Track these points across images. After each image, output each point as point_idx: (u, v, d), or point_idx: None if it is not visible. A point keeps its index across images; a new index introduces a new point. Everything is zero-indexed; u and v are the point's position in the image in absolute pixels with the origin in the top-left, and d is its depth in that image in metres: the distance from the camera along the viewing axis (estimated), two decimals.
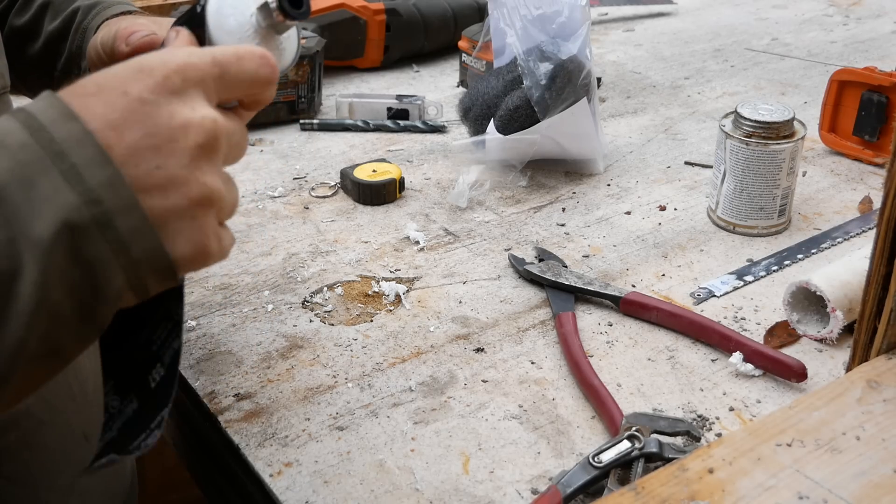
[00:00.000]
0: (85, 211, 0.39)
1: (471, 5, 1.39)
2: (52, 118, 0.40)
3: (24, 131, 0.40)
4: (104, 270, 0.40)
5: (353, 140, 1.14)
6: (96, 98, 0.42)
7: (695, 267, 0.87)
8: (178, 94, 0.43)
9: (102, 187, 0.40)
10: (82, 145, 0.40)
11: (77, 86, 0.43)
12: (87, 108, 0.41)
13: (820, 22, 1.58)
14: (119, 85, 0.42)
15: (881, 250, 0.56)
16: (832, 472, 0.49)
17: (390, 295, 0.82)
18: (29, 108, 0.41)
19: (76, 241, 0.39)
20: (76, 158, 0.40)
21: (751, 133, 0.87)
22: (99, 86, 0.42)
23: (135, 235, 0.41)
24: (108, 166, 0.40)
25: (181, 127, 0.42)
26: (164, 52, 0.45)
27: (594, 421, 0.68)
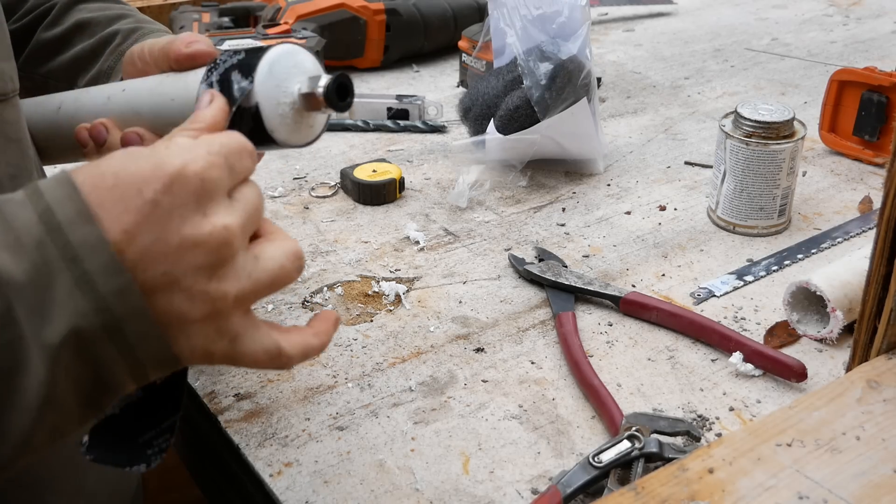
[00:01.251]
0: (95, 318, 0.40)
1: (471, 5, 1.39)
2: (70, 218, 0.40)
3: (41, 227, 0.40)
4: (110, 368, 0.41)
5: (353, 140, 1.14)
6: (112, 194, 0.41)
7: (695, 267, 0.87)
8: (194, 198, 0.43)
9: (113, 295, 0.40)
10: (97, 252, 0.40)
11: (95, 173, 0.42)
12: (102, 205, 0.41)
13: (820, 22, 1.58)
14: (136, 182, 0.41)
15: (881, 250, 0.56)
16: (832, 472, 0.49)
17: (390, 295, 0.82)
18: (46, 196, 0.41)
19: (84, 344, 0.40)
20: (90, 265, 0.40)
21: (751, 133, 0.87)
22: (116, 179, 0.42)
23: (142, 339, 0.42)
24: (121, 275, 0.40)
25: (191, 239, 0.42)
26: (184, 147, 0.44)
27: (594, 421, 0.68)
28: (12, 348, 0.38)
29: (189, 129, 0.48)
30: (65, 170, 0.43)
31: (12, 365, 0.38)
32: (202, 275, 0.43)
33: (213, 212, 0.43)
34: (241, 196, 0.46)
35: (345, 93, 0.50)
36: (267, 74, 0.51)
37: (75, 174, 0.42)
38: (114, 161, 0.43)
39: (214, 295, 0.43)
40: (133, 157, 0.43)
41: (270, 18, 1.28)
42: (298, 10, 1.27)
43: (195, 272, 0.42)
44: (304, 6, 1.28)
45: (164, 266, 0.42)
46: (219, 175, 0.44)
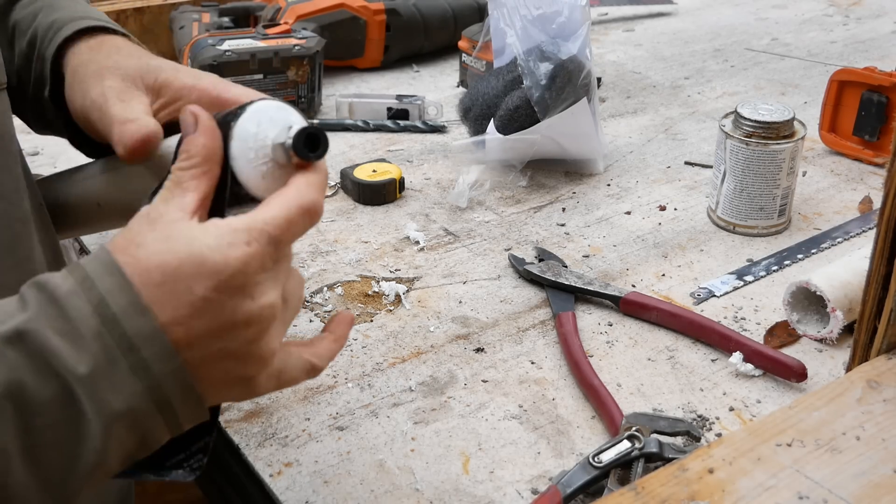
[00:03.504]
0: (149, 397, 0.43)
1: (471, 5, 1.39)
2: (124, 308, 0.43)
3: (97, 319, 0.42)
4: (154, 434, 0.45)
5: (353, 140, 1.14)
6: (162, 289, 0.44)
7: (695, 267, 0.87)
8: (241, 289, 0.45)
9: (166, 377, 0.44)
10: (152, 342, 0.43)
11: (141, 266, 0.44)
12: (156, 300, 0.43)
13: (820, 22, 1.58)
14: (184, 280, 0.44)
15: (881, 250, 0.56)
16: (832, 472, 0.49)
17: (390, 295, 0.82)
18: (98, 286, 0.43)
19: (136, 419, 0.44)
20: (146, 353, 0.43)
21: (751, 133, 0.87)
22: (164, 275, 0.44)
23: (186, 408, 0.45)
24: (174, 359, 0.44)
25: (244, 321, 0.45)
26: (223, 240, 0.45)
27: (594, 421, 0.68)
28: (75, 423, 0.42)
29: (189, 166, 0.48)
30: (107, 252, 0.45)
31: (74, 436, 0.42)
32: (249, 346, 0.46)
33: (259, 293, 0.46)
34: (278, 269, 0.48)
35: (315, 143, 0.49)
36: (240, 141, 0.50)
37: (119, 258, 0.44)
38: (154, 250, 0.45)
39: (256, 360, 0.47)
40: (170, 245, 0.45)
41: (270, 18, 1.28)
42: (298, 10, 1.27)
43: (244, 344, 0.46)
44: (304, 6, 1.28)
45: (217, 344, 0.45)
46: (259, 264, 0.46)
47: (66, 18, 0.65)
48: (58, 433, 0.41)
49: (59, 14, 0.66)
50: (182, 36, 1.23)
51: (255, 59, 1.11)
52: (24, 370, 0.41)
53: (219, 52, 1.09)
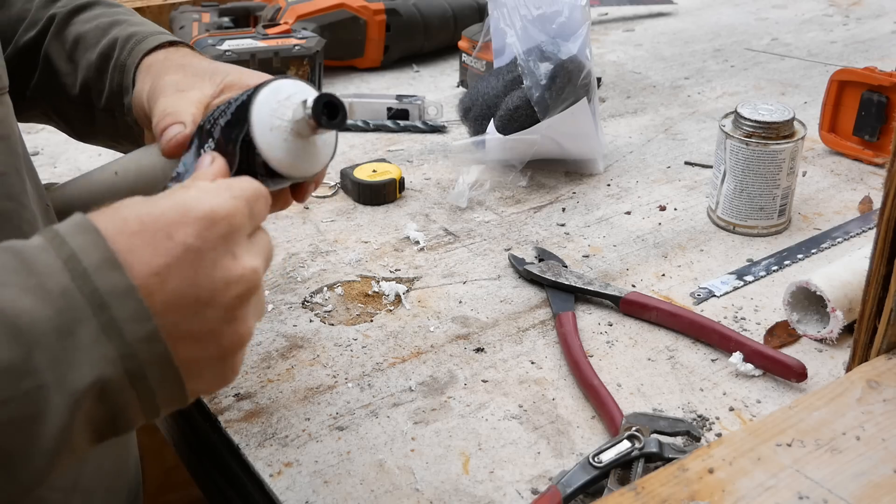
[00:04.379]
0: (119, 365, 0.40)
1: (471, 5, 1.39)
2: (96, 263, 0.40)
3: (66, 274, 0.40)
4: (126, 411, 0.42)
5: (353, 140, 1.14)
6: (139, 238, 0.41)
7: (695, 267, 0.87)
8: (223, 240, 0.43)
9: (139, 342, 0.40)
10: (125, 299, 0.40)
11: (118, 217, 0.42)
12: (131, 250, 0.41)
13: (820, 22, 1.58)
14: (164, 227, 0.42)
15: (881, 250, 0.56)
16: (832, 472, 0.49)
17: (390, 295, 0.82)
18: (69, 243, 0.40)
19: (106, 390, 0.40)
20: (117, 312, 0.40)
21: (751, 133, 0.87)
22: (142, 224, 0.42)
23: (162, 384, 0.42)
24: (148, 322, 0.41)
25: (223, 281, 0.43)
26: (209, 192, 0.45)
27: (594, 421, 0.68)
28: (32, 397, 0.38)
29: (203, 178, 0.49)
30: (82, 215, 0.43)
31: (32, 413, 0.38)
32: (227, 316, 0.44)
33: (241, 254, 0.44)
34: (258, 240, 0.47)
35: (334, 110, 0.50)
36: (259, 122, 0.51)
37: (96, 219, 0.42)
38: (135, 206, 0.43)
39: (235, 337, 0.45)
40: (154, 201, 0.43)
41: (270, 18, 1.28)
42: (298, 10, 1.27)
43: (222, 314, 0.43)
44: (304, 6, 1.28)
45: (194, 308, 0.42)
46: (242, 218, 0.45)
47: (147, 33, 0.67)
48: (12, 410, 0.38)
49: (138, 28, 0.68)
50: (182, 36, 1.23)
51: (255, 59, 1.11)
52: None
53: (219, 52, 1.09)
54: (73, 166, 1.07)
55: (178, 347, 0.42)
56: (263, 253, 0.47)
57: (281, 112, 0.51)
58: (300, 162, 0.52)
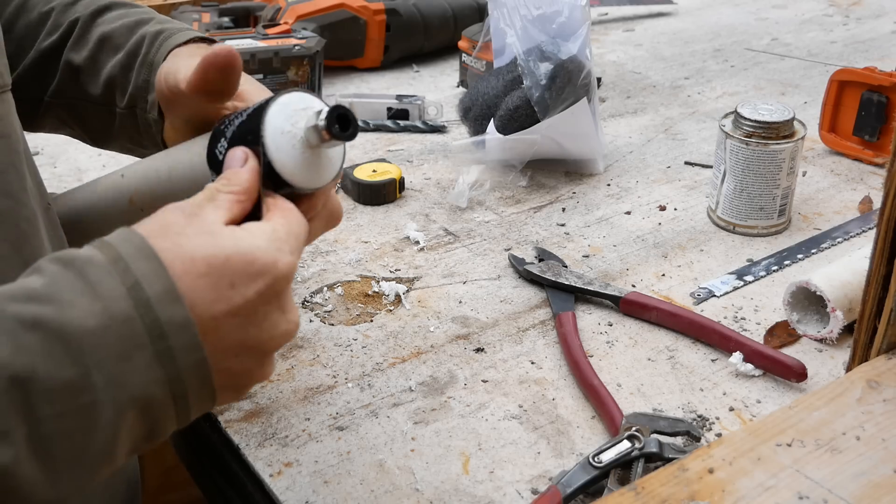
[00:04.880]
0: (167, 388, 0.43)
1: (471, 5, 1.39)
2: (158, 294, 0.42)
3: (129, 302, 0.42)
4: (164, 424, 0.44)
5: (353, 140, 1.13)
6: (204, 282, 0.43)
7: (695, 267, 0.87)
8: (278, 297, 0.46)
9: (188, 368, 0.43)
10: (182, 332, 0.43)
11: (184, 254, 0.44)
12: (194, 290, 0.43)
13: (820, 22, 1.58)
14: (230, 276, 0.44)
15: (881, 250, 0.56)
16: (832, 472, 0.49)
17: (390, 295, 0.82)
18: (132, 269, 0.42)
19: (150, 407, 0.43)
20: (173, 342, 0.42)
21: (751, 133, 0.87)
22: (209, 268, 0.44)
23: (199, 403, 0.45)
24: (199, 351, 0.43)
25: (269, 335, 0.46)
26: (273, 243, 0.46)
27: (594, 421, 0.68)
28: (86, 412, 0.40)
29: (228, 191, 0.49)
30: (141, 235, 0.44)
31: (85, 426, 0.41)
32: (263, 362, 0.47)
33: (289, 308, 0.47)
34: None
35: (346, 123, 0.51)
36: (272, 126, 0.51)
37: (156, 245, 0.44)
38: (200, 242, 0.44)
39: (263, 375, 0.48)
40: (216, 241, 0.45)
41: (270, 18, 1.28)
42: (298, 10, 1.27)
43: (260, 360, 0.47)
44: (304, 6, 1.28)
45: (241, 359, 0.45)
46: (294, 272, 0.47)
47: (175, 29, 0.68)
48: (67, 422, 0.40)
49: (166, 26, 0.69)
50: None
51: (255, 59, 1.11)
52: (38, 354, 0.39)
53: None
54: (72, 166, 1.07)
55: (216, 377, 0.45)
56: None
57: (295, 119, 0.52)
58: (306, 172, 0.53)
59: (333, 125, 0.51)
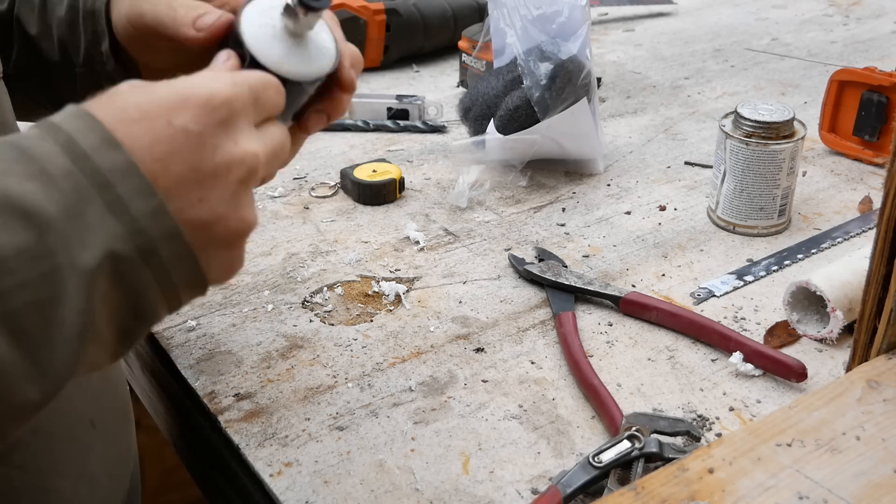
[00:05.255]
0: (129, 241, 0.40)
1: (471, 5, 1.39)
2: (94, 145, 0.40)
3: (66, 157, 0.40)
4: (145, 294, 0.42)
5: (353, 140, 1.14)
6: (139, 125, 0.41)
7: (695, 267, 0.87)
8: (223, 125, 0.43)
9: (147, 218, 0.41)
10: (127, 176, 0.40)
11: (116, 106, 0.42)
12: (131, 136, 0.41)
13: (820, 22, 1.58)
14: (164, 113, 0.42)
15: (881, 250, 0.56)
16: (832, 472, 0.49)
17: (390, 295, 0.82)
18: (65, 128, 0.41)
19: (119, 269, 0.40)
20: (121, 189, 0.40)
21: (751, 133, 0.87)
22: (142, 112, 0.42)
23: (176, 262, 0.42)
24: (153, 197, 0.41)
25: (225, 164, 0.43)
26: (208, 78, 0.45)
27: (594, 421, 0.68)
28: (50, 279, 0.38)
29: None
30: (74, 104, 0.42)
31: (51, 295, 0.38)
32: (231, 200, 0.44)
33: (243, 139, 0.44)
34: (267, 131, 0.47)
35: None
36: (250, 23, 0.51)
37: (90, 108, 0.42)
38: (132, 94, 0.43)
39: (239, 221, 0.45)
40: (152, 88, 0.43)
41: None
42: None
43: (226, 197, 0.44)
44: None
45: (198, 192, 0.42)
46: (244, 105, 0.45)
47: None
48: (32, 293, 0.38)
49: None
50: None
51: None
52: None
53: None
54: None
55: (186, 227, 0.42)
56: (271, 143, 0.47)
57: (272, 13, 0.52)
58: (294, 60, 0.52)
59: None
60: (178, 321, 0.79)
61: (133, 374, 0.87)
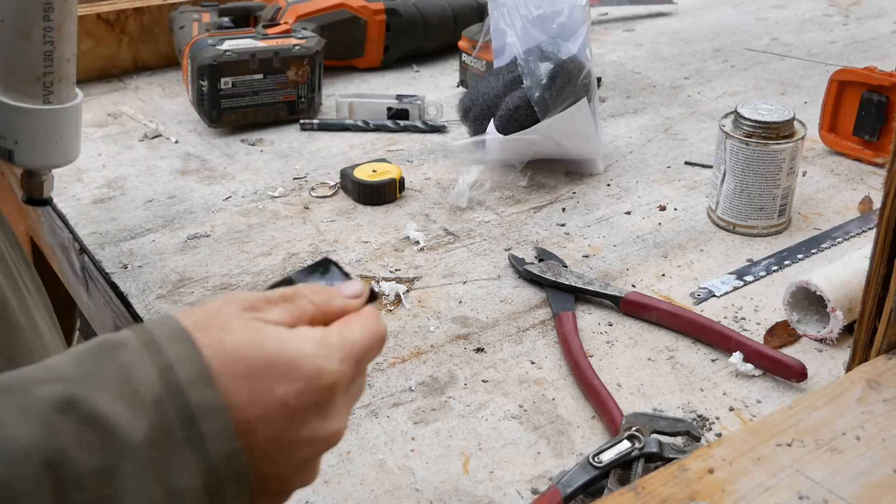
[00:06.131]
0: (199, 478, 0.41)
1: (471, 5, 1.39)
2: (191, 378, 0.41)
3: (160, 384, 0.40)
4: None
5: (353, 140, 1.14)
6: (241, 382, 0.42)
7: (695, 267, 0.87)
8: (320, 405, 0.44)
9: (222, 460, 0.41)
10: (214, 418, 0.41)
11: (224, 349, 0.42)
12: (230, 389, 0.42)
13: (820, 22, 1.58)
14: (268, 378, 0.43)
15: (881, 250, 0.56)
16: (832, 472, 0.49)
17: (390, 295, 0.82)
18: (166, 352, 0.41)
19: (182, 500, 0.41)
20: (205, 428, 0.41)
21: (751, 133, 0.87)
22: (247, 368, 0.42)
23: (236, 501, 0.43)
24: (233, 441, 0.41)
25: (307, 439, 0.44)
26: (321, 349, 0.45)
27: (594, 421, 0.68)
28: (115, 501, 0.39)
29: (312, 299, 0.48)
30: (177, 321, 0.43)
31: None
32: (300, 466, 0.45)
33: (332, 416, 0.45)
34: (353, 389, 0.47)
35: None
36: None
37: (194, 331, 0.42)
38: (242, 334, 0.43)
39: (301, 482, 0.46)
40: (262, 341, 0.43)
41: (270, 18, 1.28)
42: (298, 10, 1.27)
43: (296, 464, 0.45)
44: (304, 6, 1.28)
45: (274, 454, 0.43)
46: (347, 381, 0.46)
47: None
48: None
49: None
50: (182, 36, 1.23)
51: (255, 58, 1.11)
52: (69, 438, 0.38)
53: (219, 52, 1.09)
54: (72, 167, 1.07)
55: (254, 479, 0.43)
56: (355, 401, 0.48)
57: None
58: None
59: None
60: None
61: None
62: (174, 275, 0.85)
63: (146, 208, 0.98)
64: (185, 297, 0.82)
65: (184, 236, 0.92)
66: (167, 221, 0.95)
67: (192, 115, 1.17)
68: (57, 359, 0.42)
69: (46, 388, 0.39)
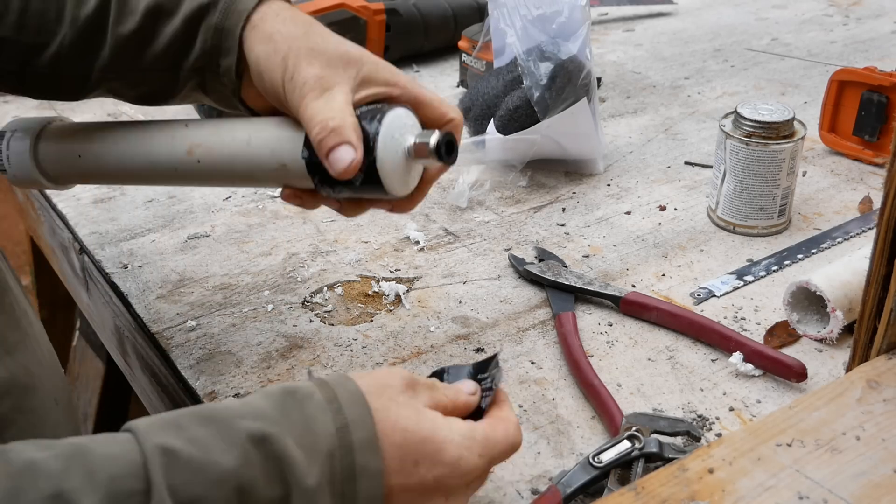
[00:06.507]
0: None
1: (471, 5, 1.39)
2: (361, 442, 0.47)
3: (335, 441, 0.46)
4: None
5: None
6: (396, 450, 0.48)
7: (695, 267, 0.87)
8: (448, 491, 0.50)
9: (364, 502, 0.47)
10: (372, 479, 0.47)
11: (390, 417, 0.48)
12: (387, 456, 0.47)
13: (820, 22, 1.58)
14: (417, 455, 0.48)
15: (881, 250, 0.56)
16: (832, 472, 0.49)
17: (390, 295, 0.82)
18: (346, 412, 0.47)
19: None
20: (360, 486, 0.46)
21: (751, 133, 0.87)
22: (404, 441, 0.48)
23: None
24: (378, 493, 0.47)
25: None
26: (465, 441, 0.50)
27: (594, 421, 0.68)
28: None
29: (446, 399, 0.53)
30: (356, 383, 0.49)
31: None
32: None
33: (453, 501, 0.50)
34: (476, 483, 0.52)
35: (451, 148, 0.58)
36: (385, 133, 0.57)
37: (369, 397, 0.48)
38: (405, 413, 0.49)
39: None
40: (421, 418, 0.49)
41: None
42: None
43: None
44: (304, 6, 1.28)
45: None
46: (476, 475, 0.51)
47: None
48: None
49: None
50: None
51: None
52: (259, 469, 0.43)
53: None
54: None
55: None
56: (473, 493, 0.53)
57: (403, 132, 0.58)
58: (395, 178, 0.58)
59: (441, 147, 0.57)
60: (179, 321, 0.79)
61: (133, 375, 0.87)
62: (174, 275, 0.85)
63: (146, 208, 0.98)
64: (185, 297, 0.82)
65: (184, 236, 0.92)
66: (167, 221, 0.95)
67: (191, 115, 1.17)
68: (253, 398, 0.48)
69: (248, 423, 0.45)
